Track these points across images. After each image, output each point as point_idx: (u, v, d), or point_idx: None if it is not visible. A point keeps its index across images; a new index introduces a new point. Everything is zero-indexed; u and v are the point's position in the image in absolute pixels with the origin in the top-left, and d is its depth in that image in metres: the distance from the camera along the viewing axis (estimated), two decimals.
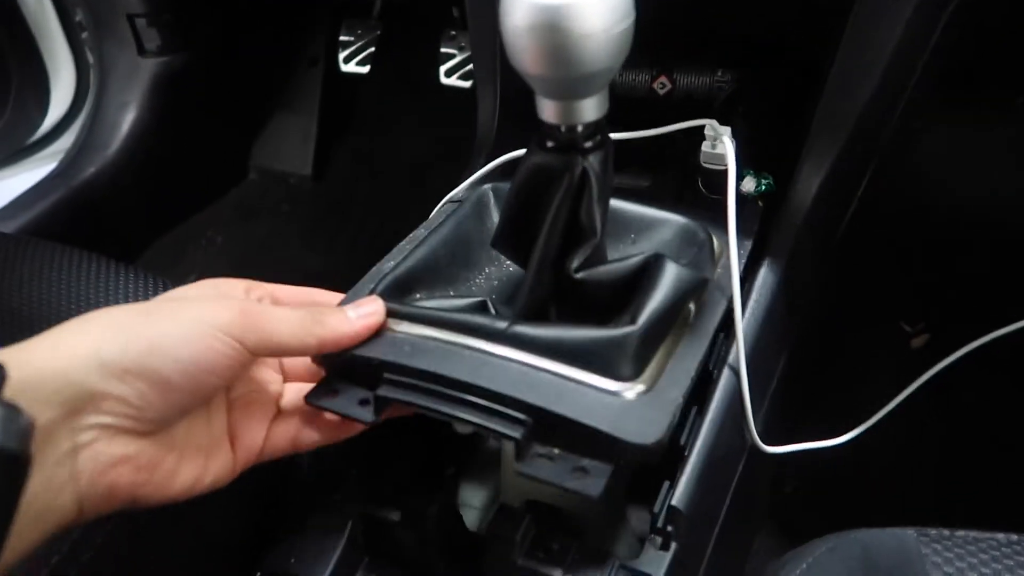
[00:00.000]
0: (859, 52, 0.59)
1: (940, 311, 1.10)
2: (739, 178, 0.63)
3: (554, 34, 0.39)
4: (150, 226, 1.47)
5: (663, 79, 0.76)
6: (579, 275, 0.46)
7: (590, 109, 0.44)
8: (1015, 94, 1.06)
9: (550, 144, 0.46)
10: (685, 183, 0.68)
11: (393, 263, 0.53)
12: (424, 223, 0.60)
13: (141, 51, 1.36)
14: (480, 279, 0.56)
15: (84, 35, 1.42)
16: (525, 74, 0.42)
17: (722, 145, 0.60)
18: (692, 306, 0.50)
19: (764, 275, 0.58)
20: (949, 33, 0.69)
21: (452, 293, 0.54)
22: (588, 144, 0.46)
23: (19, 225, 1.22)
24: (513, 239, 0.51)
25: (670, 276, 0.46)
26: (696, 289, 0.47)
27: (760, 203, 0.65)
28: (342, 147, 1.59)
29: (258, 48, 1.51)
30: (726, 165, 0.57)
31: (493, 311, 0.51)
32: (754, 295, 0.57)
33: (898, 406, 0.71)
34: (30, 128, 1.42)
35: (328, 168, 1.57)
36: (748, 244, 0.59)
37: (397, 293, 0.51)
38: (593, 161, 0.46)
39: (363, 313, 0.46)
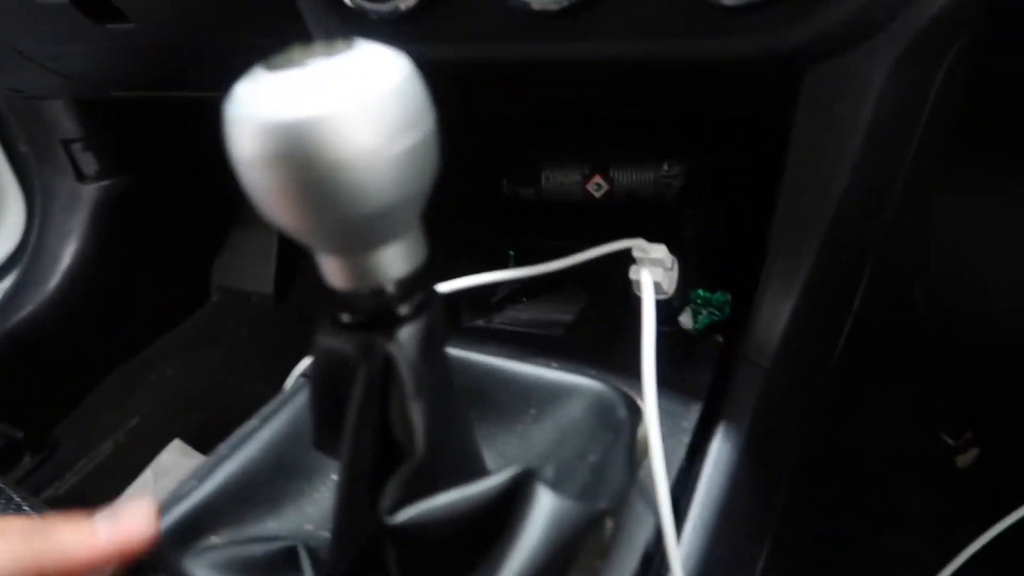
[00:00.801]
0: (819, 132, 0.44)
1: (989, 416, 0.91)
2: (674, 309, 0.48)
3: (304, 165, 0.26)
4: (99, 363, 1.36)
5: (598, 179, 0.61)
6: (398, 519, 0.31)
7: (393, 261, 0.30)
8: None
9: (345, 318, 0.31)
10: (625, 313, 0.52)
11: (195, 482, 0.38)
12: (260, 411, 0.45)
13: (80, 177, 1.28)
14: (324, 492, 0.41)
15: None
16: (280, 225, 0.28)
17: (653, 271, 0.45)
18: (610, 523, 0.34)
19: (719, 448, 0.42)
20: (953, 88, 0.54)
21: (273, 523, 0.39)
22: (402, 311, 0.31)
23: None
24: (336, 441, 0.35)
25: (542, 516, 0.30)
26: (588, 526, 0.31)
27: (720, 339, 0.49)
28: (306, 261, 1.47)
29: (209, 164, 1.41)
30: (659, 295, 0.42)
31: (307, 563, 0.35)
32: (705, 480, 0.40)
33: None
34: None
35: (292, 286, 1.45)
36: (696, 408, 0.42)
37: (182, 537, 0.36)
38: (405, 339, 0.31)
39: (120, 527, 0.33)
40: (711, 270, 0.55)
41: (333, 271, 0.30)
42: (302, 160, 0.25)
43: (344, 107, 0.25)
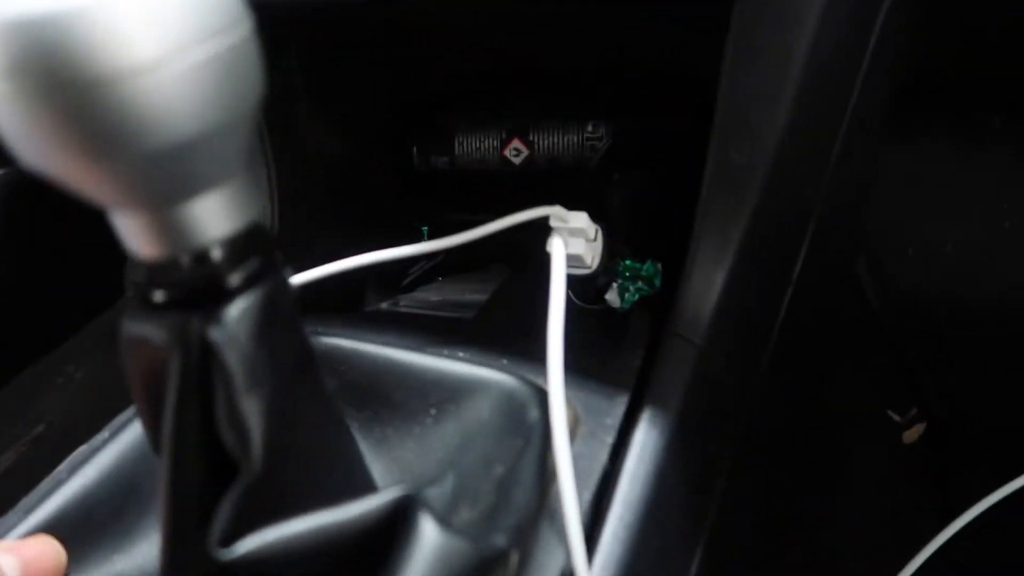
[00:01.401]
0: (751, 73, 0.38)
1: (935, 390, 0.88)
2: (600, 286, 0.42)
3: (57, 84, 0.19)
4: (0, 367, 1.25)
5: (517, 143, 0.55)
6: (235, 553, 0.24)
7: (211, 217, 0.24)
8: (989, 112, 0.86)
9: (156, 296, 0.25)
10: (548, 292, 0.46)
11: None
12: (113, 421, 0.38)
13: None
14: None
15: None
16: (46, 174, 0.22)
17: (573, 241, 0.39)
18: (515, 558, 0.28)
19: (643, 440, 0.36)
20: (893, 37, 0.49)
21: (121, 560, 0.32)
22: (231, 283, 0.24)
23: None
24: None
25: (423, 559, 0.25)
26: (485, 568, 0.26)
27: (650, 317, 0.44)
28: None
29: None
30: (582, 269, 0.36)
31: None
32: (626, 480, 0.35)
33: None
34: None
35: None
36: (623, 399, 0.37)
37: None
38: (232, 319, 0.24)
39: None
40: (643, 240, 0.49)
41: (134, 234, 0.24)
42: (52, 76, 0.19)
43: (111, 2, 0.19)
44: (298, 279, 0.41)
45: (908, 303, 0.89)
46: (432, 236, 0.55)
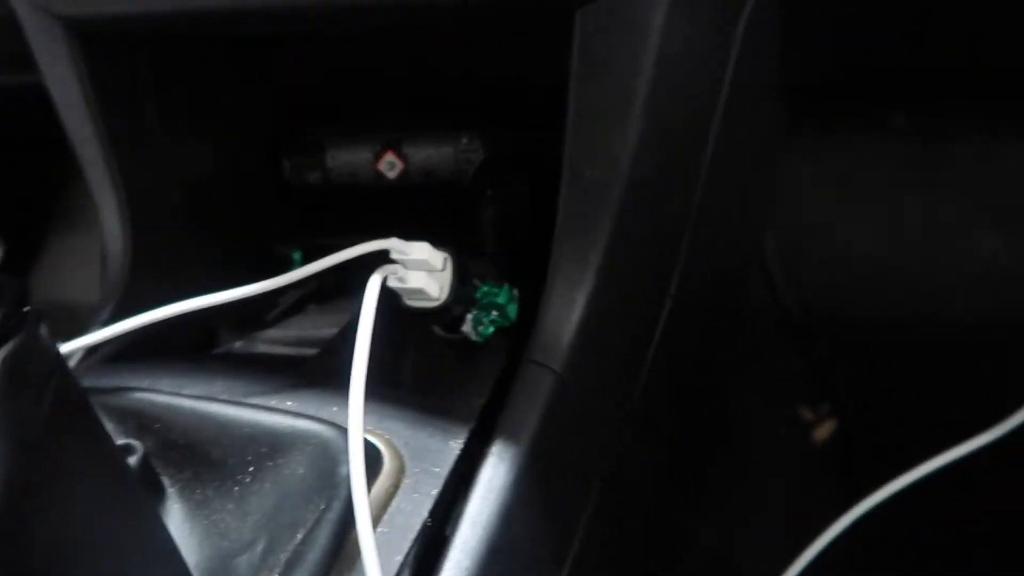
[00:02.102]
0: (598, 87, 0.37)
1: (846, 387, 0.88)
2: (455, 316, 0.40)
3: None
4: None
5: (391, 156, 0.53)
6: None
7: None
8: (888, 109, 0.86)
9: None
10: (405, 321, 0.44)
11: None
12: None
13: None
14: None
15: None
16: None
17: (413, 275, 0.37)
18: None
19: (488, 480, 0.34)
20: (766, 43, 0.48)
21: None
22: None
23: None
24: None
25: None
26: None
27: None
28: None
29: (12, 162, 1.26)
30: (429, 302, 0.34)
31: None
32: (465, 528, 0.33)
33: None
34: None
35: None
36: (459, 443, 0.35)
37: None
38: None
39: None
40: (515, 260, 0.47)
41: None
42: None
43: None
44: (129, 323, 0.38)
45: (818, 300, 0.89)
46: (305, 260, 0.53)
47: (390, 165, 0.53)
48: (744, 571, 0.68)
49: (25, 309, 0.24)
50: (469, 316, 0.41)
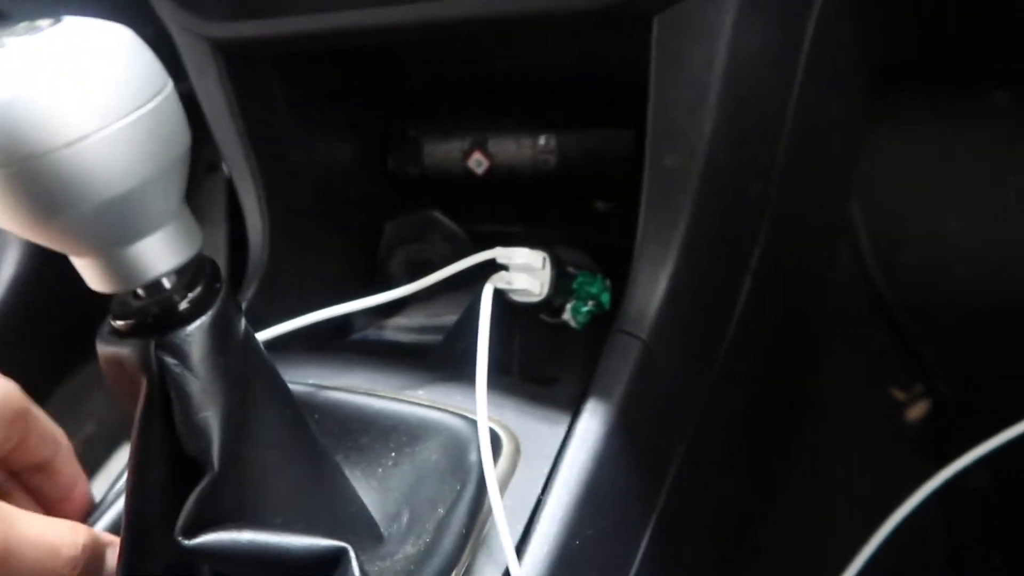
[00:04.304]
0: (673, 85, 0.41)
1: (941, 368, 0.88)
2: (557, 306, 0.45)
3: (5, 158, 0.23)
4: (48, 372, 1.33)
5: (478, 155, 0.58)
6: (191, 542, 0.28)
7: (152, 255, 0.27)
8: (990, 87, 0.85)
9: (119, 323, 0.29)
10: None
11: None
12: None
13: None
14: None
15: None
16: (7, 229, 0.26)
17: (517, 277, 0.42)
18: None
19: (581, 433, 0.39)
20: (840, 34, 0.51)
21: None
22: (182, 309, 0.28)
23: None
24: None
25: None
26: None
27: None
28: None
29: None
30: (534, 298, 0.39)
31: None
32: (563, 471, 0.38)
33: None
34: None
35: None
36: (566, 420, 0.40)
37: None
38: (184, 341, 0.28)
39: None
40: (606, 249, 0.52)
41: (90, 274, 0.28)
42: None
43: (39, 87, 0.22)
44: (275, 331, 0.45)
45: (913, 281, 0.90)
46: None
47: (477, 163, 0.58)
48: (823, 541, 0.70)
49: (219, 284, 0.30)
50: (568, 305, 0.46)
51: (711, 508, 0.53)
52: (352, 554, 0.29)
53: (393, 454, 0.39)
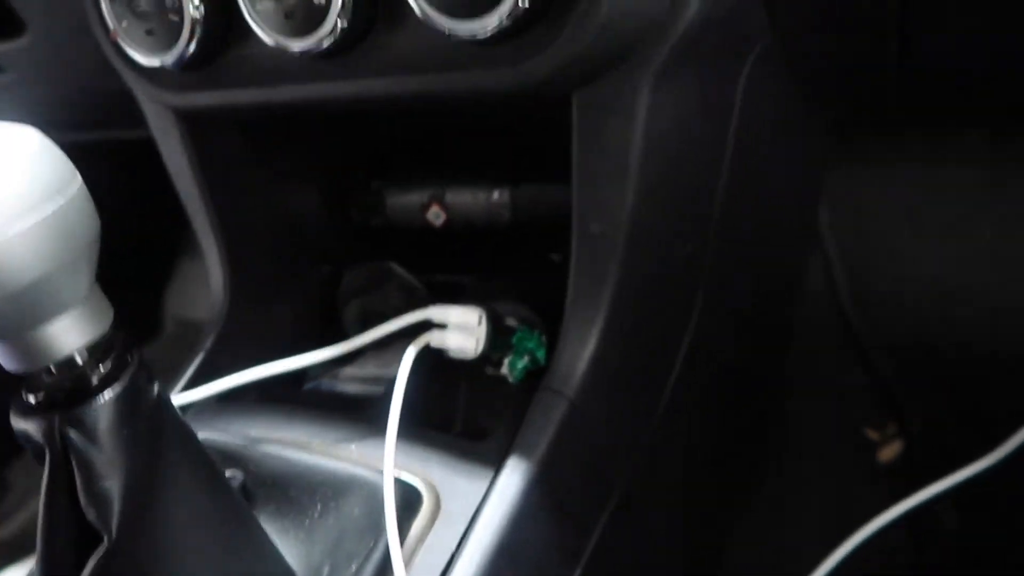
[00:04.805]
0: (595, 156, 0.43)
1: (912, 406, 0.89)
2: (495, 360, 0.47)
3: None
4: None
5: (436, 208, 0.60)
6: None
7: (65, 333, 0.29)
8: (959, 127, 0.86)
9: (29, 397, 0.31)
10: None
11: None
12: None
13: None
14: None
15: None
16: None
17: (452, 335, 0.45)
18: None
19: (500, 488, 0.41)
20: (773, 93, 0.53)
21: None
22: (93, 384, 0.30)
23: None
24: None
25: None
26: None
27: None
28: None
29: (149, 196, 1.41)
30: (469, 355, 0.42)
31: None
32: (478, 529, 0.39)
33: None
34: None
35: None
36: (483, 485, 0.41)
37: None
38: (90, 414, 0.30)
39: None
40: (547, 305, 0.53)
41: (2, 355, 0.30)
42: None
43: None
44: (223, 383, 0.47)
45: (885, 321, 0.90)
46: None
47: (436, 215, 0.60)
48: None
49: (129, 357, 0.32)
50: (507, 360, 0.48)
51: (653, 558, 0.54)
52: None
53: (319, 506, 0.41)
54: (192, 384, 0.52)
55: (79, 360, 0.31)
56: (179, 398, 0.48)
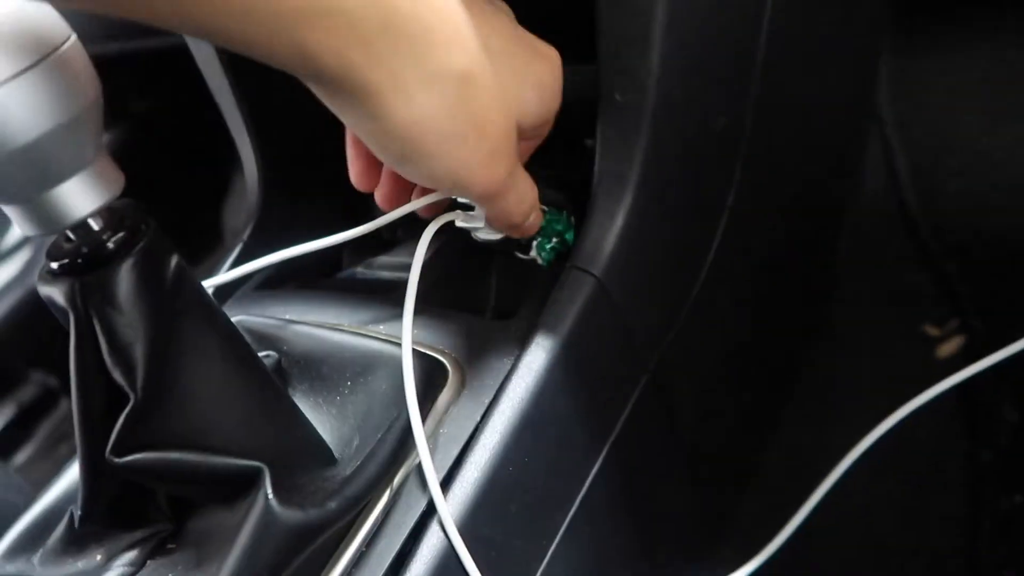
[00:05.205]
0: (621, 21, 0.41)
1: (976, 303, 0.85)
2: (524, 242, 0.46)
3: None
4: None
5: None
6: (121, 460, 0.32)
7: (77, 197, 0.30)
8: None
9: (52, 264, 0.32)
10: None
11: None
12: None
13: None
14: None
15: None
16: None
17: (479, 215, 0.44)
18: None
19: (526, 363, 0.41)
20: None
21: None
22: (109, 248, 0.31)
23: None
24: None
25: (255, 530, 0.31)
26: (313, 538, 0.33)
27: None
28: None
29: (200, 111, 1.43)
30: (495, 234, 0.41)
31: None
32: (501, 403, 0.40)
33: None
34: None
35: None
36: (508, 361, 0.41)
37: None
38: (110, 279, 0.31)
39: None
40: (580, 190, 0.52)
41: (18, 220, 0.31)
42: None
43: None
44: (257, 263, 0.48)
45: (951, 215, 0.86)
46: None
47: None
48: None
49: (144, 225, 0.33)
50: (535, 242, 0.47)
51: (687, 437, 0.54)
52: (267, 474, 0.32)
53: (349, 383, 0.42)
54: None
55: (94, 226, 0.31)
56: (216, 279, 0.49)
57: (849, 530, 0.68)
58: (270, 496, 0.31)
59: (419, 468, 0.37)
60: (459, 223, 0.45)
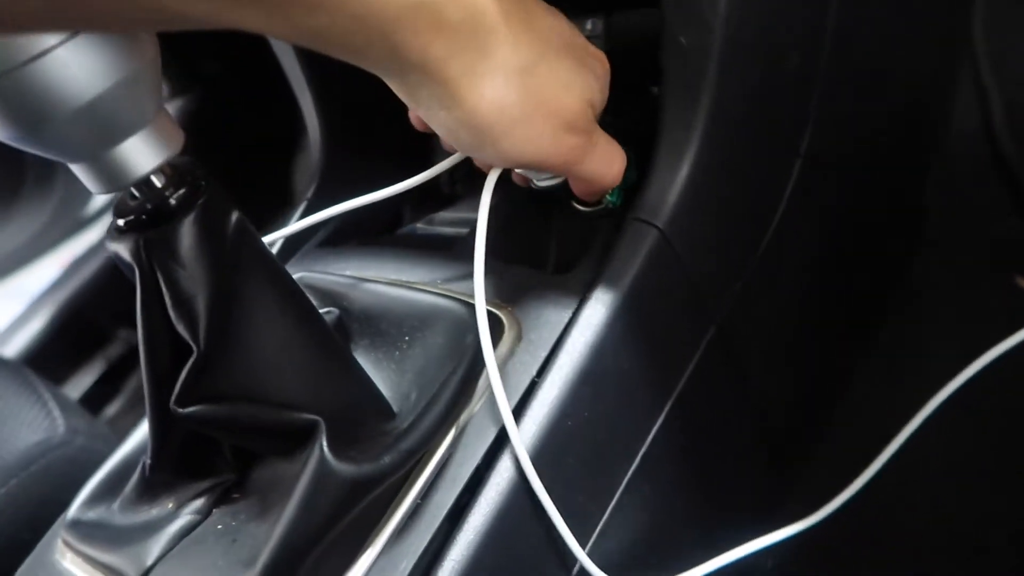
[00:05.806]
0: None
1: None
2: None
3: None
4: None
5: None
6: (184, 411, 0.33)
7: (139, 154, 0.31)
8: None
9: (118, 221, 0.33)
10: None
11: None
12: None
13: None
14: None
15: None
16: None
17: None
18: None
19: (586, 317, 0.40)
20: None
21: None
22: (171, 205, 0.32)
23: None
24: None
25: (311, 482, 0.32)
26: (368, 491, 0.33)
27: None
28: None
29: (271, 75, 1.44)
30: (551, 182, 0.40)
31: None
32: (561, 356, 0.39)
33: None
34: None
35: None
36: (565, 315, 0.40)
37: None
38: (172, 234, 0.32)
39: None
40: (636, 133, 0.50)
41: (85, 178, 0.31)
42: None
43: None
44: (318, 216, 0.48)
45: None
46: None
47: None
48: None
49: (204, 183, 0.33)
50: None
51: (754, 396, 0.52)
52: (323, 427, 0.32)
53: (407, 338, 0.42)
54: None
55: (157, 182, 0.32)
56: (278, 233, 0.50)
57: (922, 491, 0.65)
58: (325, 450, 0.32)
59: (482, 411, 0.37)
60: (519, 169, 0.45)
